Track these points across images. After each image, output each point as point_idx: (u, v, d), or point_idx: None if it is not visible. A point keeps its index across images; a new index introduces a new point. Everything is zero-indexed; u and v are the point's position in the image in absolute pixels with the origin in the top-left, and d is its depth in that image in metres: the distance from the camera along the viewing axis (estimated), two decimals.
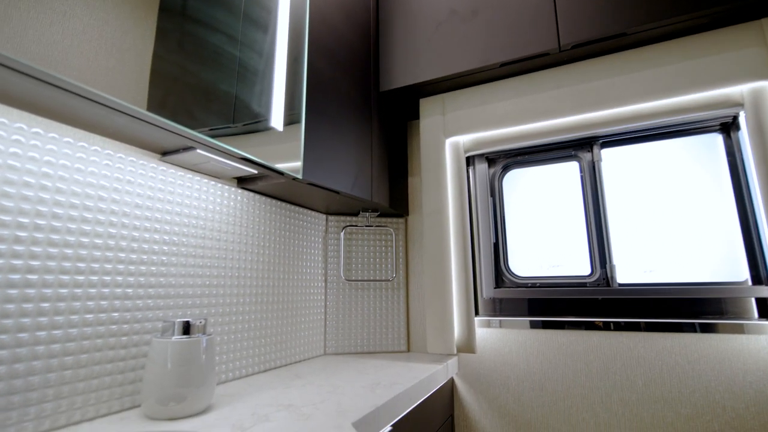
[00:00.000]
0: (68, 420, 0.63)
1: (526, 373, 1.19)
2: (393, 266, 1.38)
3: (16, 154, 0.60)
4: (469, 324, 1.19)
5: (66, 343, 0.64)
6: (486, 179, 1.37)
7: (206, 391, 0.69)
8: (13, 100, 0.58)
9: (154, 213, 0.79)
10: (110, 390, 0.69)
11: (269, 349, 1.06)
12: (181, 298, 0.83)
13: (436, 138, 1.30)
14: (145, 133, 0.70)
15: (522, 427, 1.17)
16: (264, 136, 0.85)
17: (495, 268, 1.32)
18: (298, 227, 1.22)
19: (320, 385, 0.89)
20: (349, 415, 0.68)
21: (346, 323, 1.32)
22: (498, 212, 1.35)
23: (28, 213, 0.61)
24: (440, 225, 1.24)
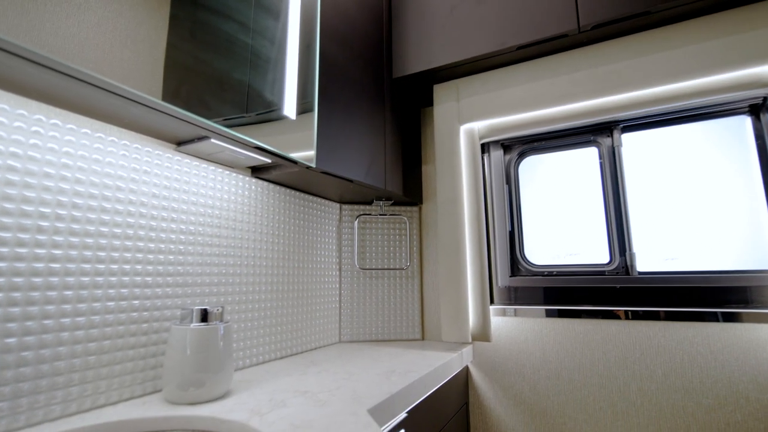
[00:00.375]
0: (93, 404, 0.65)
1: (542, 362, 1.18)
2: (407, 255, 1.38)
3: (36, 145, 0.61)
4: (484, 312, 1.18)
5: (89, 330, 0.65)
6: (501, 166, 1.35)
7: (224, 377, 0.71)
8: (32, 92, 0.59)
9: (170, 202, 0.80)
10: (132, 375, 0.71)
11: (285, 337, 1.08)
12: (198, 286, 0.85)
13: (450, 125, 1.28)
14: (160, 123, 0.70)
15: (538, 415, 1.16)
16: (277, 126, 0.85)
17: (510, 256, 1.30)
18: (312, 216, 1.23)
19: (336, 372, 0.90)
20: (364, 402, 0.69)
21: (360, 311, 1.32)
22: (513, 200, 1.33)
23: (49, 203, 0.62)
24: (455, 213, 1.23)
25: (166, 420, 0.61)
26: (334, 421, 0.60)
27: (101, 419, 0.60)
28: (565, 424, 1.13)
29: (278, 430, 0.56)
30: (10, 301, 0.57)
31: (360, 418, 0.61)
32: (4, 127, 0.58)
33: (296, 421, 0.59)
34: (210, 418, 0.61)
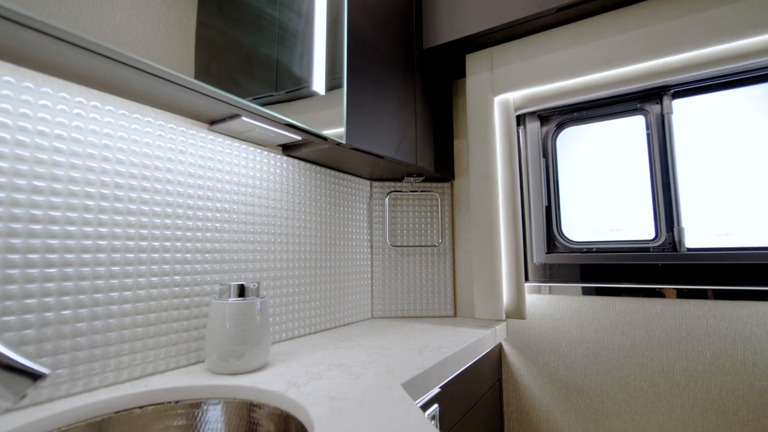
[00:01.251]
0: (142, 372, 0.69)
1: (579, 340, 1.15)
2: (439, 232, 1.36)
3: (78, 127, 0.63)
4: (518, 290, 1.16)
5: (136, 303, 0.69)
6: (538, 139, 1.29)
7: (262, 350, 0.73)
8: (72, 75, 0.61)
9: (205, 181, 0.82)
10: (177, 346, 0.75)
11: (318, 312, 1.10)
12: (235, 263, 0.87)
13: (483, 96, 1.22)
14: (193, 102, 0.71)
15: (574, 393, 1.14)
16: (306, 103, 0.84)
17: (547, 232, 1.25)
18: (342, 193, 1.23)
19: (369, 347, 0.91)
20: (398, 376, 0.69)
21: (392, 288, 1.33)
22: (551, 174, 1.27)
23: (93, 183, 0.64)
24: (488, 189, 1.19)
25: (210, 388, 0.64)
26: (369, 394, 0.60)
27: (150, 386, 0.63)
28: (603, 403, 1.10)
29: (314, 401, 0.57)
30: (63, 276, 0.60)
31: (394, 392, 0.61)
32: (48, 110, 0.60)
33: (332, 393, 0.61)
34: (250, 388, 0.63)
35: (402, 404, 0.56)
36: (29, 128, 0.58)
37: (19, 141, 0.57)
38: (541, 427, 1.18)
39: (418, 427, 0.49)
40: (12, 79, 0.57)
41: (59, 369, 0.59)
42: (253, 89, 0.73)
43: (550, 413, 1.17)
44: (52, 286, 0.59)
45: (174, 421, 0.61)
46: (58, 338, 0.59)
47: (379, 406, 0.56)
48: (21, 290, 0.56)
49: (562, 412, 1.15)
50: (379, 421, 0.51)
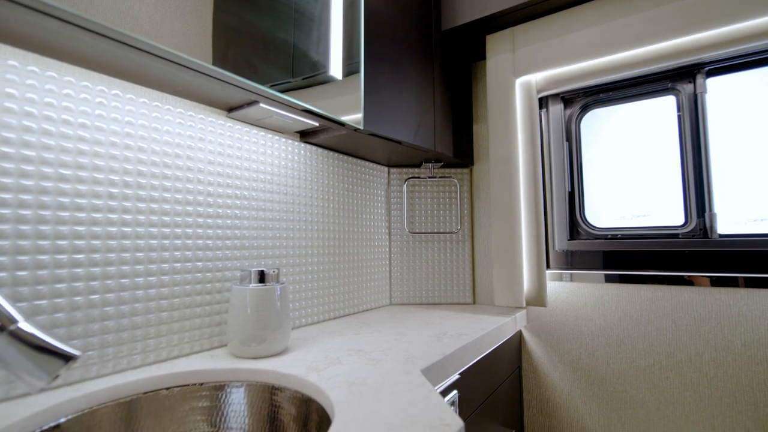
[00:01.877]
0: (168, 355, 0.71)
1: (602, 329, 1.13)
2: (458, 218, 1.34)
3: (101, 116, 0.64)
4: (539, 277, 1.14)
5: (160, 289, 0.70)
6: (561, 122, 1.24)
7: (283, 335, 0.74)
8: (93, 64, 0.61)
9: (224, 168, 0.82)
10: (200, 330, 0.76)
11: (337, 299, 1.11)
12: (255, 249, 0.88)
13: (504, 78, 1.19)
14: (211, 89, 0.71)
15: (596, 382, 1.12)
16: (323, 89, 0.83)
17: (569, 218, 1.22)
18: (360, 180, 1.22)
19: (387, 333, 0.92)
20: (417, 362, 0.69)
21: (410, 275, 1.33)
22: (574, 158, 1.24)
23: (116, 171, 0.66)
24: (509, 174, 1.16)
25: (233, 371, 0.65)
26: (388, 379, 0.60)
27: (175, 369, 0.65)
28: (626, 392, 1.08)
29: (334, 385, 0.58)
30: (90, 262, 0.62)
31: (413, 378, 0.61)
32: (72, 99, 0.61)
33: (351, 378, 0.61)
34: (272, 372, 0.64)
35: (421, 390, 0.56)
36: (54, 117, 0.59)
37: (45, 130, 0.58)
38: (562, 414, 1.17)
39: (438, 412, 0.49)
40: (36, 69, 0.58)
41: (89, 351, 0.61)
42: (271, 75, 0.72)
43: (571, 401, 1.15)
44: (81, 271, 0.61)
45: (199, 403, 0.63)
46: (88, 322, 0.61)
47: (399, 391, 0.56)
48: (51, 275, 0.58)
49: (584, 400, 1.14)
50: (398, 406, 0.51)
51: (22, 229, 0.55)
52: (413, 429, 0.45)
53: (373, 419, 0.47)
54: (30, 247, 0.56)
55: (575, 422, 1.14)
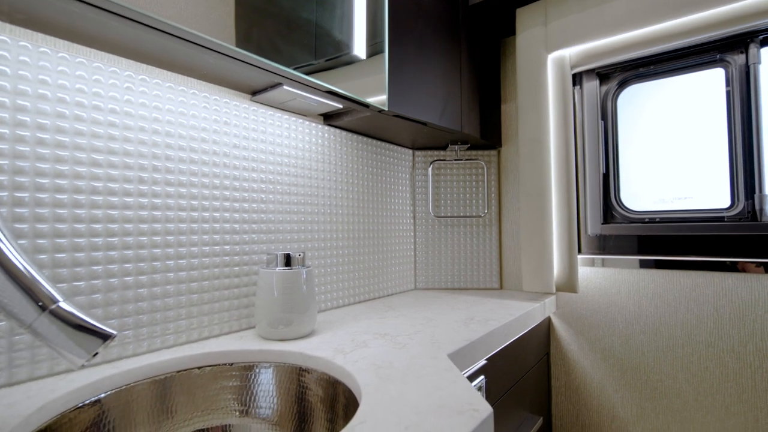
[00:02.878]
0: (199, 335, 0.73)
1: (636, 316, 1.08)
2: (484, 201, 1.31)
3: (129, 101, 0.65)
4: (570, 262, 1.10)
5: (190, 272, 0.72)
6: (596, 99, 1.18)
7: (309, 318, 0.75)
8: (121, 49, 0.62)
9: (249, 152, 0.83)
10: (229, 312, 0.78)
11: (362, 282, 1.11)
12: (280, 233, 0.89)
13: (535, 54, 1.13)
14: (235, 72, 0.70)
15: (629, 370, 1.09)
16: (347, 71, 0.81)
17: (603, 201, 1.17)
18: (384, 163, 1.20)
19: (413, 317, 0.91)
20: (443, 347, 0.68)
21: (435, 259, 1.31)
22: (610, 138, 1.17)
23: (146, 155, 0.67)
24: (539, 155, 1.12)
25: (261, 353, 0.67)
26: (415, 363, 0.60)
27: (206, 349, 0.67)
28: (662, 381, 1.04)
29: (361, 368, 0.58)
30: (124, 245, 0.64)
31: (440, 362, 0.60)
32: (101, 85, 0.62)
33: (377, 361, 0.61)
34: (299, 354, 0.65)
35: (449, 374, 0.55)
36: (85, 103, 0.60)
37: (77, 116, 0.59)
38: (592, 402, 1.14)
39: (467, 397, 0.48)
40: (67, 55, 0.58)
41: (125, 331, 0.63)
42: (294, 56, 0.71)
43: (602, 389, 1.12)
44: (115, 254, 0.63)
45: (229, 382, 0.65)
46: (123, 302, 0.63)
47: (426, 375, 0.55)
48: (87, 258, 0.60)
49: (615, 389, 1.10)
50: (425, 390, 0.50)
51: (59, 213, 0.57)
52: (441, 413, 0.44)
53: (400, 402, 0.47)
54: (67, 230, 0.58)
55: (606, 410, 1.12)
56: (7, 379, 0.52)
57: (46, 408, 0.47)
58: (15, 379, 0.53)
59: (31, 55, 0.55)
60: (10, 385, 0.52)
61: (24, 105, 0.54)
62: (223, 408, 0.64)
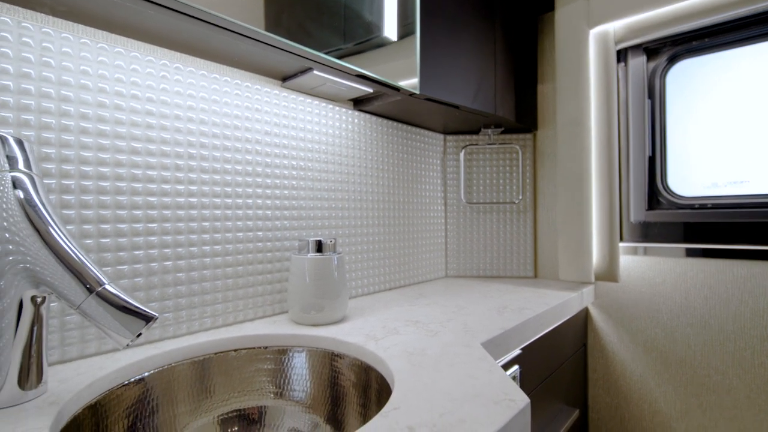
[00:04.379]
0: (235, 319, 0.75)
1: (683, 307, 1.02)
2: (519, 187, 1.26)
3: (165, 89, 0.66)
4: (611, 250, 1.05)
5: (225, 257, 0.74)
6: (643, 77, 1.10)
7: (341, 304, 0.75)
8: (155, 38, 0.63)
9: (281, 139, 0.83)
10: (263, 297, 0.80)
11: (392, 270, 1.10)
12: (311, 219, 0.89)
13: (576, 29, 1.06)
14: (266, 57, 0.70)
15: (673, 364, 1.03)
16: (377, 54, 0.79)
17: (649, 186, 1.10)
18: (415, 149, 1.18)
19: (444, 305, 0.90)
20: (477, 335, 0.67)
21: (467, 246, 1.28)
22: (657, 118, 1.10)
23: (181, 143, 0.68)
24: (579, 138, 1.06)
25: (295, 337, 0.68)
26: (448, 351, 0.59)
27: (242, 332, 0.68)
28: (710, 377, 0.98)
29: (393, 355, 0.57)
30: (163, 231, 0.66)
31: (474, 351, 0.59)
32: (138, 74, 0.63)
33: (409, 348, 0.60)
34: (331, 339, 0.66)
35: (483, 363, 0.54)
36: (124, 92, 0.62)
37: (117, 105, 0.61)
38: (632, 396, 1.09)
39: (502, 387, 0.46)
40: (106, 46, 0.60)
41: (166, 313, 0.66)
42: (324, 39, 0.70)
43: (643, 383, 1.08)
44: (155, 239, 0.65)
45: (264, 365, 0.66)
46: (163, 286, 0.66)
47: (459, 363, 0.54)
48: (129, 243, 0.62)
49: (658, 383, 1.05)
50: (459, 378, 0.49)
51: (102, 199, 0.59)
52: (476, 402, 0.43)
53: (433, 390, 0.46)
54: (110, 216, 0.60)
55: (647, 405, 1.07)
56: (60, 356, 0.55)
57: (95, 385, 0.49)
58: (66, 356, 0.56)
59: (72, 46, 0.57)
60: (62, 362, 0.55)
61: (68, 95, 0.56)
62: (259, 390, 0.65)
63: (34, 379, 0.45)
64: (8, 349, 0.43)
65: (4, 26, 0.51)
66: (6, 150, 0.43)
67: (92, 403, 0.48)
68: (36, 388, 0.45)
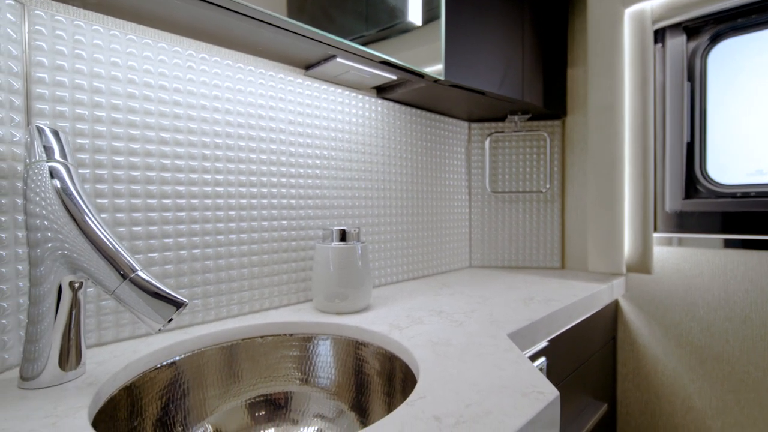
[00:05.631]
0: (261, 306, 0.76)
1: (722, 301, 0.97)
2: (546, 176, 1.23)
3: (191, 80, 0.67)
4: (644, 241, 1.00)
5: (251, 245, 0.75)
6: (682, 58, 1.04)
7: (364, 293, 0.75)
8: (181, 28, 0.63)
9: (304, 128, 0.83)
10: (288, 285, 0.80)
11: (415, 259, 1.10)
12: (335, 209, 0.89)
13: (610, 9, 1.01)
14: (290, 45, 0.70)
15: (709, 359, 0.99)
16: (400, 41, 0.77)
17: (687, 174, 1.05)
18: (439, 137, 1.16)
19: (469, 295, 0.89)
20: (502, 326, 0.66)
21: (492, 236, 1.26)
22: (697, 102, 1.04)
23: (207, 133, 0.69)
24: (612, 124, 1.02)
25: (319, 325, 0.68)
26: (473, 341, 0.58)
27: (268, 320, 0.69)
28: (749, 373, 0.94)
29: (417, 344, 0.57)
30: (191, 219, 0.67)
31: (500, 342, 0.58)
32: (166, 65, 0.64)
33: (434, 338, 0.60)
34: (355, 328, 0.66)
35: (509, 355, 0.53)
36: (152, 83, 0.63)
37: (146, 96, 0.62)
38: (663, 391, 1.06)
39: (530, 379, 0.45)
40: (134, 37, 0.61)
41: (195, 300, 0.67)
42: (347, 26, 0.69)
43: (676, 378, 1.04)
44: (183, 227, 0.66)
45: (290, 351, 0.67)
46: (192, 273, 0.67)
47: (485, 354, 0.53)
48: (160, 231, 0.64)
49: (692, 378, 1.01)
50: (485, 369, 0.48)
51: (133, 188, 0.61)
52: (503, 393, 0.42)
53: (459, 380, 0.45)
54: (141, 205, 0.62)
55: (680, 401, 1.03)
56: (96, 339, 0.58)
57: (130, 367, 0.51)
58: (103, 340, 0.58)
59: (102, 38, 0.58)
60: (99, 345, 0.58)
61: (99, 87, 0.58)
62: (285, 376, 0.66)
63: (74, 360, 0.47)
64: (49, 331, 0.45)
65: (39, 20, 0.53)
66: (43, 140, 0.45)
67: (128, 385, 0.50)
68: (75, 369, 0.47)
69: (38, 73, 0.53)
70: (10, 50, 0.50)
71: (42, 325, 0.45)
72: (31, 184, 0.43)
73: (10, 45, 0.50)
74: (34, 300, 0.45)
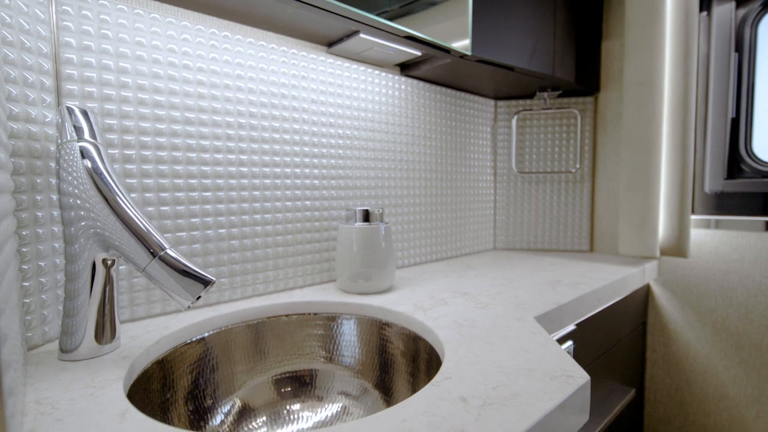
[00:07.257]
0: (285, 286, 0.77)
1: (763, 287, 0.92)
2: (576, 155, 1.18)
3: (214, 59, 0.66)
4: (681, 223, 0.96)
5: (275, 225, 0.75)
6: (730, 27, 0.97)
7: (388, 273, 0.75)
8: (203, 5, 0.62)
9: (327, 107, 0.82)
10: (312, 266, 0.81)
11: (439, 240, 1.08)
12: (358, 189, 0.88)
13: None
14: (312, 21, 0.68)
15: (747, 347, 0.95)
16: (425, 15, 0.74)
17: (729, 152, 0.98)
18: (464, 115, 1.13)
19: (494, 277, 0.87)
20: (528, 309, 0.64)
21: (517, 218, 1.23)
22: (744, 74, 0.96)
23: (231, 113, 0.69)
24: (649, 99, 0.96)
25: (343, 305, 0.68)
26: (499, 324, 0.57)
27: (293, 299, 0.70)
28: None
29: (442, 325, 0.56)
30: (216, 200, 0.68)
31: (527, 324, 0.57)
32: (189, 44, 0.63)
33: (459, 319, 0.59)
34: (379, 308, 0.66)
35: (537, 337, 0.52)
36: (176, 63, 0.63)
37: (170, 75, 0.62)
38: (695, 378, 1.03)
39: (559, 362, 0.44)
40: (158, 16, 0.60)
41: (222, 278, 0.69)
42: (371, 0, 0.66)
43: (710, 365, 1.00)
44: (209, 207, 0.67)
45: (314, 330, 0.68)
46: (218, 253, 0.68)
47: (512, 336, 0.52)
48: (187, 211, 0.65)
49: (727, 366, 0.98)
50: (512, 351, 0.47)
51: (161, 169, 0.62)
52: (531, 376, 0.41)
53: (485, 362, 0.45)
54: (168, 185, 0.62)
55: (713, 389, 1.00)
56: (130, 315, 0.60)
57: (162, 342, 0.53)
58: (136, 315, 0.60)
59: (127, 17, 0.58)
60: (132, 321, 0.60)
61: (125, 67, 0.58)
62: (310, 354, 0.67)
63: (109, 335, 0.48)
64: (85, 306, 0.47)
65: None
66: (73, 120, 0.46)
67: (160, 359, 0.52)
68: (110, 343, 0.49)
69: (66, 53, 0.53)
70: (39, 31, 0.50)
71: (78, 301, 0.46)
72: (64, 164, 0.44)
73: (39, 26, 0.50)
74: (70, 276, 0.46)
